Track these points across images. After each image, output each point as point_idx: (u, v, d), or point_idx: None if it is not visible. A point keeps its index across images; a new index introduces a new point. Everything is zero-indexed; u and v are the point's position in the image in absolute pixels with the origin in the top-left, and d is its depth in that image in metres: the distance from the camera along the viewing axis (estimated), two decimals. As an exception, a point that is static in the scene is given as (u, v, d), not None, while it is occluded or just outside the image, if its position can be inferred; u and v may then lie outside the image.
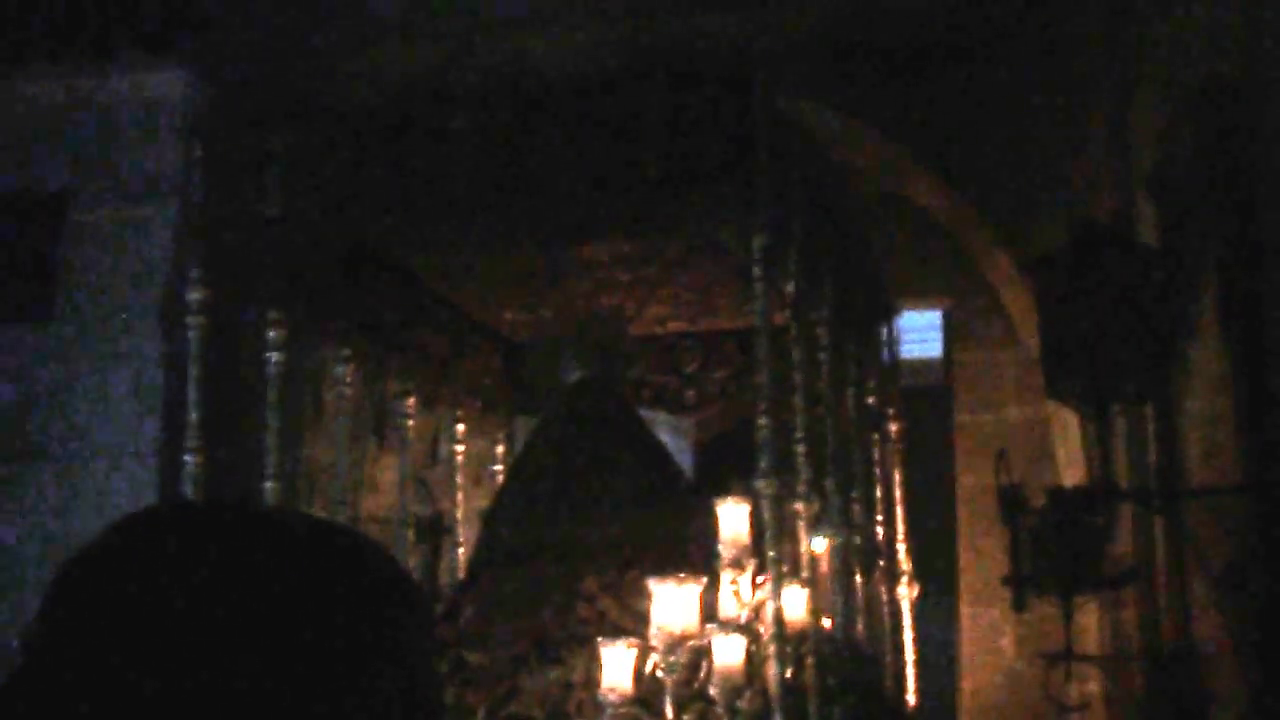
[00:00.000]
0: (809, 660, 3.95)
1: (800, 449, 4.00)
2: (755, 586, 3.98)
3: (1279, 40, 4.28)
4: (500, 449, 5.85)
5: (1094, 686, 5.99)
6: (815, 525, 4.22)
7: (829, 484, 4.44)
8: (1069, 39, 6.37)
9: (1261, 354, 4.45)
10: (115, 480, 6.20)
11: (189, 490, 3.91)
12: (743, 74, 3.83)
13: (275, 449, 4.16)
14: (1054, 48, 6.39)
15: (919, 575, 5.61)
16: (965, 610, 7.17)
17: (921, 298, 7.53)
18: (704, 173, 3.78)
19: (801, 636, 3.95)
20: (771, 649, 3.68)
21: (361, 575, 0.96)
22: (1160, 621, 5.49)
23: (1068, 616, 5.00)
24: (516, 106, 3.99)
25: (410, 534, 5.18)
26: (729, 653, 3.74)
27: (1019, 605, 5.38)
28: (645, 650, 3.73)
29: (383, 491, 6.33)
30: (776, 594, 3.70)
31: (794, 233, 3.88)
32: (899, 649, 5.38)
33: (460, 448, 5.63)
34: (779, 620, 3.68)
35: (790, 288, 3.90)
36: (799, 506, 4.08)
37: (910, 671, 5.44)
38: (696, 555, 4.29)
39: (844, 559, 4.51)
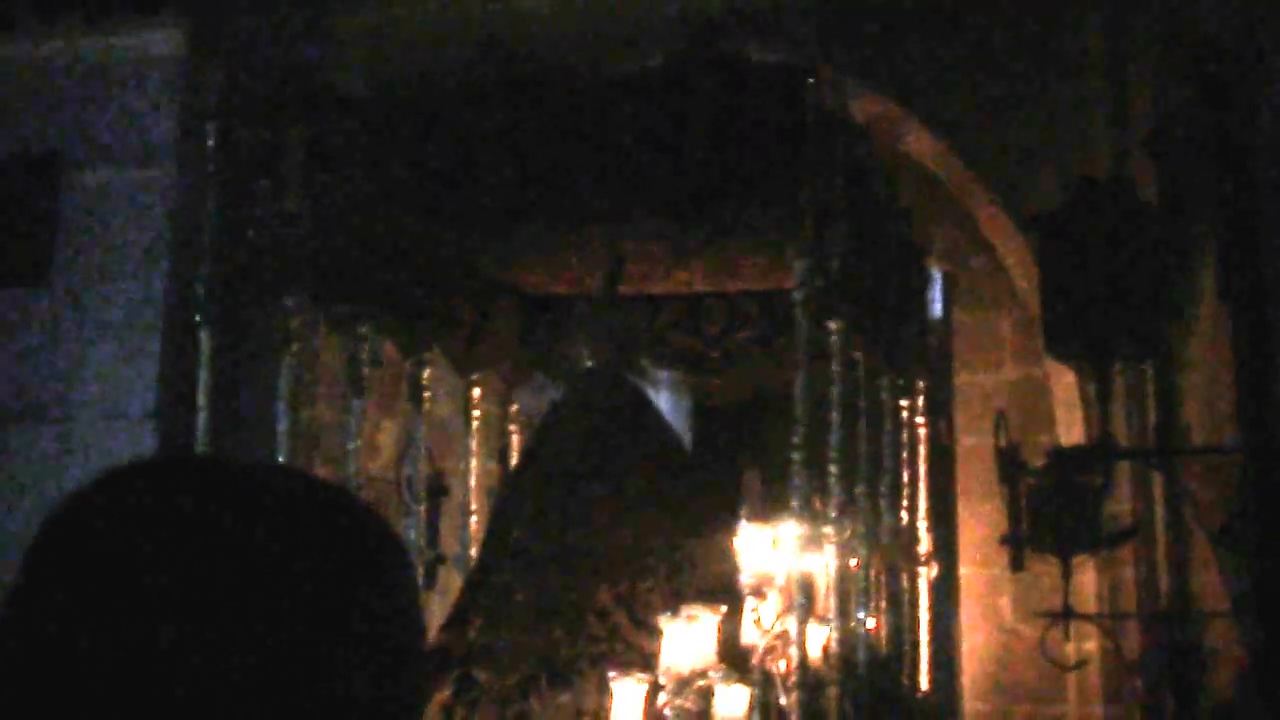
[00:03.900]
0: (832, 690, 3.92)
1: (834, 469, 3.91)
2: (778, 616, 3.95)
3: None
4: (514, 407, 5.81)
5: (1092, 645, 6.00)
6: (844, 549, 4.14)
7: (860, 490, 4.38)
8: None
9: (1261, 312, 4.44)
10: (110, 443, 6.20)
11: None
12: (791, 70, 3.78)
13: (289, 433, 4.11)
14: (1053, 6, 6.36)
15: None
16: (964, 570, 7.18)
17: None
18: (747, 166, 3.72)
19: (819, 678, 3.92)
20: (794, 696, 3.67)
21: (344, 529, 0.96)
22: (1158, 580, 5.50)
23: (1066, 576, 5.01)
24: (545, 100, 3.92)
25: (421, 494, 5.18)
26: (732, 704, 3.71)
27: (1017, 565, 5.39)
28: (656, 686, 3.72)
29: (380, 452, 6.33)
30: (800, 637, 3.65)
31: (837, 233, 3.79)
32: (916, 636, 5.33)
33: (476, 413, 5.60)
34: (803, 665, 3.64)
35: (831, 296, 3.81)
36: (829, 531, 3.98)
37: (925, 654, 5.41)
38: (712, 566, 4.26)
39: (868, 555, 4.46)
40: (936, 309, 6.24)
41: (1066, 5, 6.33)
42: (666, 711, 3.70)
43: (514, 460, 5.61)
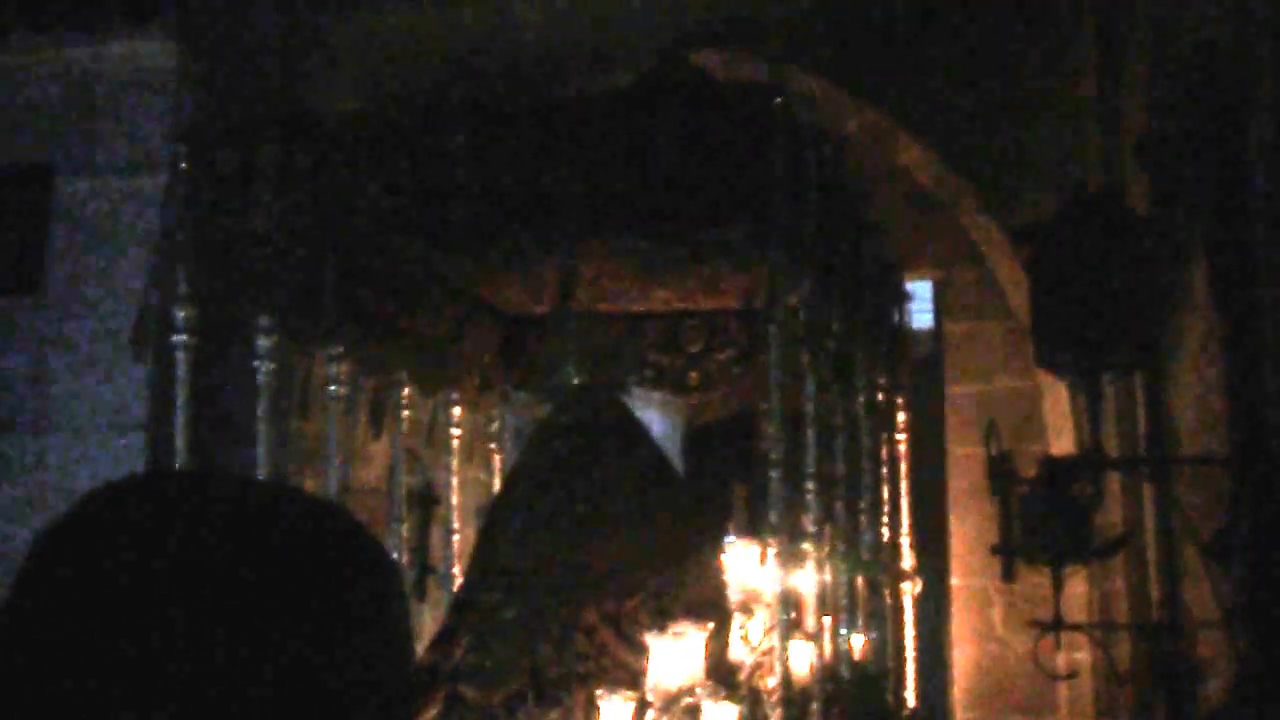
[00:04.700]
0: (814, 706, 3.91)
1: (811, 486, 3.90)
2: (766, 633, 3.93)
3: (1268, 7, 4.26)
4: (495, 425, 5.81)
5: (1083, 655, 6.00)
6: (826, 565, 4.12)
7: (839, 506, 4.36)
8: (1059, 7, 6.35)
9: (1251, 321, 4.44)
10: (99, 452, 6.20)
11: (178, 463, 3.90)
12: (761, 87, 3.76)
13: (268, 451, 4.10)
14: (1044, 16, 6.37)
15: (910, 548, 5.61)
16: (955, 580, 7.19)
17: (912, 269, 7.51)
18: (719, 184, 3.70)
19: (805, 693, 3.91)
20: (779, 712, 3.65)
21: (334, 547, 0.96)
22: (1149, 590, 5.50)
23: (1057, 586, 5.00)
24: (517, 120, 3.90)
25: (404, 506, 5.17)
26: None
27: (1008, 575, 5.39)
28: (643, 703, 3.71)
29: (373, 462, 6.32)
30: (783, 652, 3.63)
31: (810, 249, 3.77)
32: (901, 650, 5.32)
33: (457, 431, 5.59)
34: (786, 683, 3.63)
35: (803, 314, 3.80)
36: (808, 547, 3.97)
37: (911, 669, 5.40)
38: (700, 583, 4.25)
39: (849, 571, 4.44)
40: (918, 321, 6.26)
41: (1058, 16, 6.34)
42: None
43: (498, 477, 5.61)
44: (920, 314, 8.25)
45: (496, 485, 5.53)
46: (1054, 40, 6.34)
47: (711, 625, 3.83)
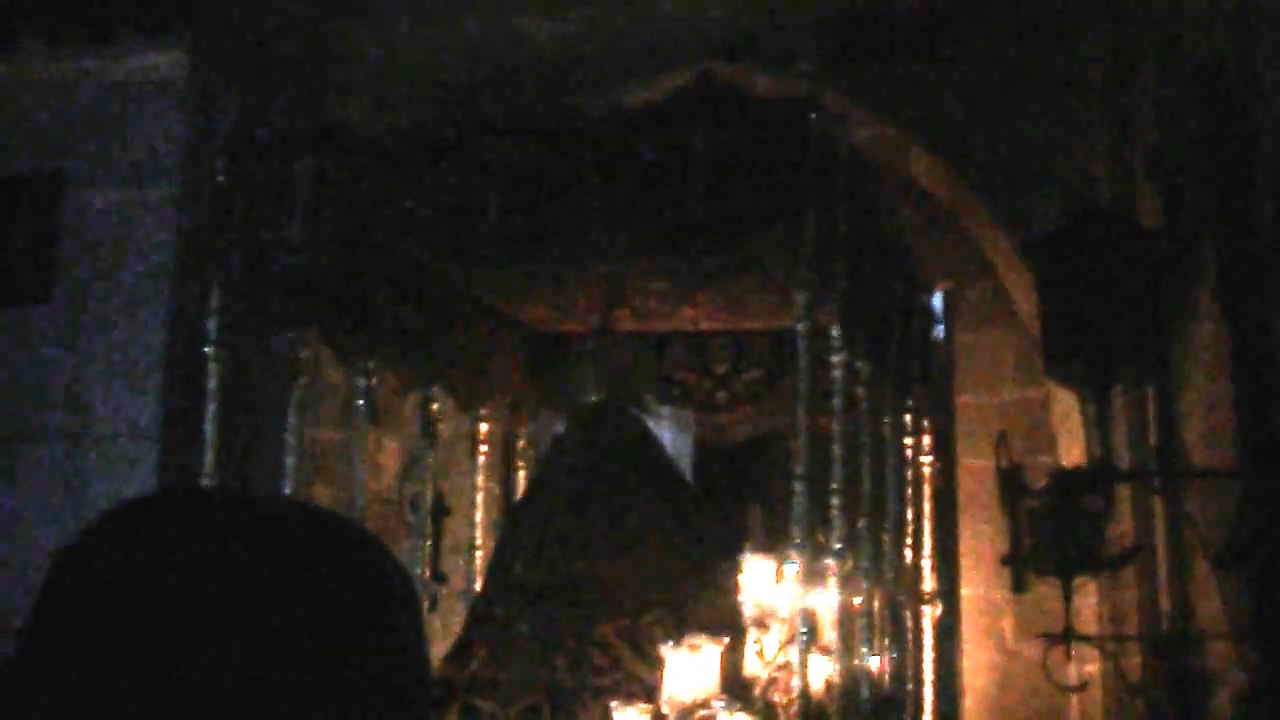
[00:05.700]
0: None
1: (836, 502, 3.89)
2: (781, 648, 3.94)
3: (1275, 20, 4.28)
4: (521, 443, 5.82)
5: (1093, 667, 5.99)
6: (847, 584, 4.12)
7: (862, 524, 4.35)
8: (1068, 18, 6.36)
9: (1261, 334, 4.45)
10: (115, 461, 6.20)
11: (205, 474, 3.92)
12: (794, 104, 3.76)
13: (296, 462, 4.11)
14: (1053, 27, 6.38)
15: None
16: (965, 591, 7.18)
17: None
18: (751, 201, 3.69)
19: (822, 708, 3.90)
20: None
21: (349, 562, 0.97)
22: (1159, 602, 5.50)
23: (1067, 597, 5.00)
24: (548, 136, 3.90)
25: (424, 515, 5.19)
26: None
27: (1019, 586, 5.39)
28: (658, 716, 3.72)
29: (382, 472, 6.33)
30: (802, 666, 3.63)
31: (840, 268, 3.76)
32: (919, 674, 5.31)
33: (484, 447, 5.59)
34: (804, 697, 3.62)
35: (835, 331, 3.80)
36: (830, 563, 3.95)
37: (929, 693, 5.39)
38: (715, 599, 4.25)
39: (870, 591, 4.44)
40: (939, 332, 6.25)
41: (1067, 29, 6.35)
42: None
43: (518, 491, 5.62)
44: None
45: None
46: (1064, 54, 6.34)
47: (727, 639, 3.84)
